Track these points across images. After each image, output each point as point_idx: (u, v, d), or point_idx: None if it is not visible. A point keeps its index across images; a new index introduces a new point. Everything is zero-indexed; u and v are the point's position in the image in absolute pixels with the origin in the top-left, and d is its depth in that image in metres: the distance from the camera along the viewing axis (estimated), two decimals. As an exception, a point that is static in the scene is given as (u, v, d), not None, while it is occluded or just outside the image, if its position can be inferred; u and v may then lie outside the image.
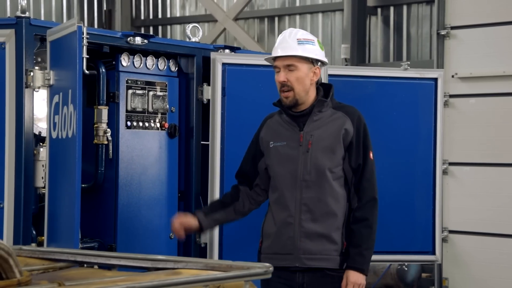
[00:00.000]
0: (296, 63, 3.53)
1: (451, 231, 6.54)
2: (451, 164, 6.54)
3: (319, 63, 3.61)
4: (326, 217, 3.51)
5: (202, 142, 4.79)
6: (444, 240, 6.33)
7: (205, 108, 4.74)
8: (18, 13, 4.01)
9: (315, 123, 3.57)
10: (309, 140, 3.53)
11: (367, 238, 3.53)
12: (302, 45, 3.54)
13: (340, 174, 3.55)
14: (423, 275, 7.50)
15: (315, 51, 3.58)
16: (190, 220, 3.67)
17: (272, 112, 3.74)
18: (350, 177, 3.56)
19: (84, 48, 3.80)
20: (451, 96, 6.53)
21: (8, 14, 10.53)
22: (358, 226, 3.53)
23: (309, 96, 3.57)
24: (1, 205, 3.98)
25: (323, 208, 3.51)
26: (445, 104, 6.30)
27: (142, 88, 4.56)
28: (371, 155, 3.59)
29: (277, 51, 3.58)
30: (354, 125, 3.57)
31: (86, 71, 3.83)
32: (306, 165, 3.52)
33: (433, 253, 4.90)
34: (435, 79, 4.92)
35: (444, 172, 6.26)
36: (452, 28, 6.56)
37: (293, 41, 3.55)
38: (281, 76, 3.53)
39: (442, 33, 6.59)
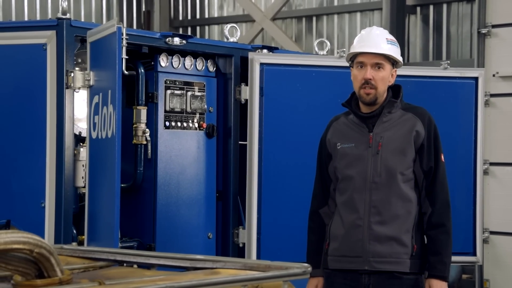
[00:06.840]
0: (384, 62, 3.47)
1: (492, 232, 6.45)
2: (492, 164, 6.45)
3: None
4: (395, 220, 3.45)
5: (240, 142, 4.79)
6: (485, 241, 6.24)
7: (243, 108, 4.75)
8: (59, 15, 4.06)
9: (384, 124, 3.51)
10: (379, 142, 3.47)
11: (446, 244, 3.48)
12: (390, 46, 3.50)
13: (410, 176, 3.49)
14: (464, 276, 7.41)
15: (399, 54, 3.56)
16: (319, 282, 3.64)
17: (337, 114, 3.67)
18: (421, 179, 3.50)
19: (124, 48, 3.82)
20: (492, 95, 6.44)
21: (49, 16, 10.66)
22: (436, 232, 3.48)
23: (383, 97, 3.52)
24: (43, 205, 4.04)
25: (392, 210, 3.45)
26: (486, 103, 6.21)
27: (181, 88, 4.58)
28: (442, 157, 3.53)
29: (367, 48, 3.49)
30: (425, 126, 3.51)
31: (126, 72, 3.86)
32: (376, 167, 3.46)
33: (474, 254, 4.84)
34: (476, 78, 4.85)
35: (485, 172, 6.17)
36: (493, 26, 6.47)
37: (382, 40, 3.50)
38: (368, 73, 3.45)
39: (483, 31, 6.50)
